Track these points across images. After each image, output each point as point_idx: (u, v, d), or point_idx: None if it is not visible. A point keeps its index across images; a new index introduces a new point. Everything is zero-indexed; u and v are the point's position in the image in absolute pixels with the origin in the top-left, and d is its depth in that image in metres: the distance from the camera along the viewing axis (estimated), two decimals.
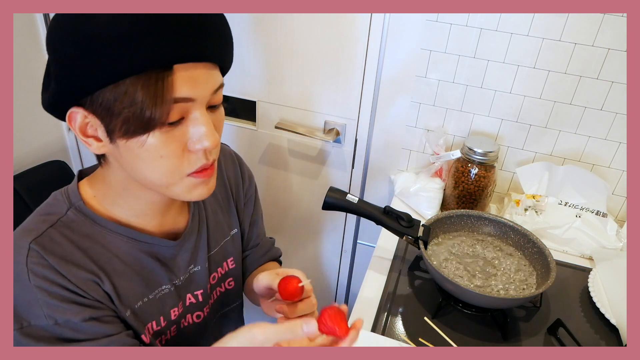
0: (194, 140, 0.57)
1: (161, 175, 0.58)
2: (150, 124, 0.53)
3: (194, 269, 0.76)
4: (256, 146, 1.38)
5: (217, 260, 0.81)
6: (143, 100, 0.51)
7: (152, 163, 0.57)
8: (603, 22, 0.92)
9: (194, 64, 0.54)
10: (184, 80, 0.53)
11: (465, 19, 1.01)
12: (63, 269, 0.59)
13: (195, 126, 0.56)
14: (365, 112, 1.21)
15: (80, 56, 0.50)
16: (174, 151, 0.56)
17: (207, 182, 0.62)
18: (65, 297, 0.58)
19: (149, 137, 0.54)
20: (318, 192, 1.39)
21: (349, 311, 0.95)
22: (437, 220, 0.93)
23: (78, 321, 0.58)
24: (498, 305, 0.81)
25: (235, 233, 0.86)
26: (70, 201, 0.65)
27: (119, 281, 0.65)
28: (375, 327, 0.82)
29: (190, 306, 0.77)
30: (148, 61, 0.50)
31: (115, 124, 0.53)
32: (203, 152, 0.59)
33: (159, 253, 0.70)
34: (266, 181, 1.44)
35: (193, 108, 0.56)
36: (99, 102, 0.52)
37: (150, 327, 0.70)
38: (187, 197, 0.62)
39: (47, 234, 0.60)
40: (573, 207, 1.06)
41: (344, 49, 1.14)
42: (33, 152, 1.44)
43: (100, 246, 0.64)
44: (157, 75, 0.51)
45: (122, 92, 0.51)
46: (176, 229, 0.74)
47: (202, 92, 0.55)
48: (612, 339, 0.82)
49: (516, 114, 1.08)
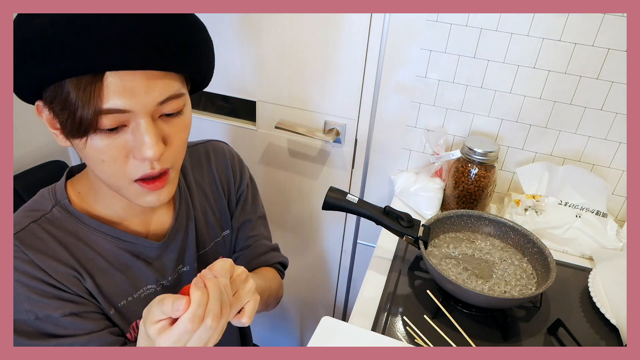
0: (135, 149, 0.54)
1: (108, 177, 0.57)
2: (81, 128, 0.51)
3: (182, 269, 0.75)
4: (256, 146, 1.38)
5: (206, 260, 0.80)
6: (75, 103, 0.50)
7: (97, 165, 0.56)
8: (603, 22, 0.92)
9: (130, 73, 0.50)
10: (116, 90, 0.50)
11: (465, 19, 1.01)
12: (43, 263, 0.59)
13: (137, 135, 0.54)
14: (365, 112, 1.21)
15: (18, 56, 0.50)
16: (115, 157, 0.55)
17: (157, 193, 0.60)
18: (46, 291, 0.58)
19: (88, 140, 0.53)
20: (318, 192, 1.39)
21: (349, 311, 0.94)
22: (437, 220, 0.93)
23: (58, 316, 0.58)
24: (498, 305, 0.81)
25: (227, 234, 0.84)
26: (56, 198, 0.65)
27: (101, 279, 0.64)
28: (375, 327, 0.82)
29: None
30: (77, 66, 0.48)
31: (60, 122, 0.53)
32: (148, 162, 0.56)
33: (143, 253, 0.69)
34: (266, 181, 1.44)
35: (134, 117, 0.53)
36: (47, 99, 0.53)
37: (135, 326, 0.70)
38: (136, 202, 0.61)
39: (29, 228, 0.60)
40: (573, 207, 1.06)
41: (344, 49, 1.14)
42: (33, 152, 1.43)
43: (84, 244, 0.64)
44: (88, 81, 0.49)
45: (59, 92, 0.51)
46: (162, 229, 0.73)
47: (140, 104, 0.52)
48: (612, 339, 0.82)
49: (516, 114, 1.08)
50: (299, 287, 1.63)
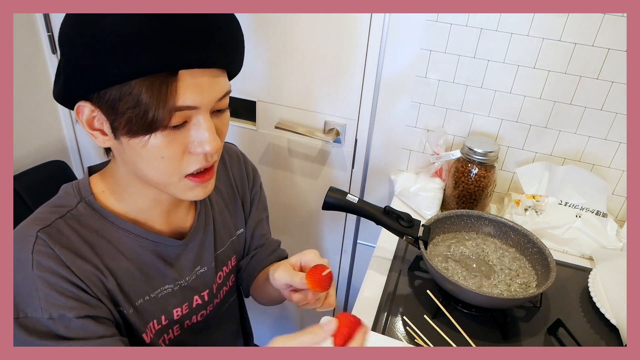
0: (195, 144, 0.57)
1: (161, 175, 0.59)
2: (152, 126, 0.53)
3: (200, 270, 0.76)
4: (256, 146, 1.38)
5: (222, 260, 0.82)
6: (147, 103, 0.51)
7: (152, 162, 0.57)
8: (603, 22, 0.92)
9: (200, 71, 0.54)
10: (188, 88, 0.53)
11: (465, 19, 1.01)
12: (68, 259, 0.59)
13: (198, 130, 0.57)
14: (365, 112, 1.21)
15: (87, 56, 0.51)
16: (175, 153, 0.57)
17: (205, 185, 0.63)
18: (65, 289, 0.58)
19: (151, 137, 0.55)
20: (318, 192, 1.39)
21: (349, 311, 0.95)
22: (437, 220, 0.93)
23: (72, 317, 0.58)
24: (498, 305, 0.81)
25: (241, 233, 0.86)
26: (81, 195, 0.65)
27: (123, 278, 0.65)
28: (375, 327, 0.81)
29: (196, 307, 0.77)
30: (152, 66, 0.51)
31: (120, 122, 0.54)
32: (203, 155, 0.59)
33: (164, 252, 0.70)
34: (266, 181, 1.44)
35: (197, 113, 0.56)
36: (105, 99, 0.53)
37: (152, 326, 0.70)
38: (182, 197, 0.63)
39: (55, 224, 0.61)
40: (573, 207, 1.06)
41: (344, 49, 1.14)
42: (33, 152, 1.43)
43: (107, 242, 0.64)
44: (162, 80, 0.51)
45: (127, 92, 0.52)
46: (183, 227, 0.74)
47: (207, 100, 0.56)
48: (612, 339, 0.82)
49: (516, 114, 1.08)
50: None
